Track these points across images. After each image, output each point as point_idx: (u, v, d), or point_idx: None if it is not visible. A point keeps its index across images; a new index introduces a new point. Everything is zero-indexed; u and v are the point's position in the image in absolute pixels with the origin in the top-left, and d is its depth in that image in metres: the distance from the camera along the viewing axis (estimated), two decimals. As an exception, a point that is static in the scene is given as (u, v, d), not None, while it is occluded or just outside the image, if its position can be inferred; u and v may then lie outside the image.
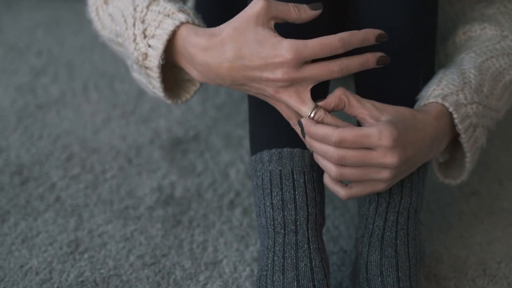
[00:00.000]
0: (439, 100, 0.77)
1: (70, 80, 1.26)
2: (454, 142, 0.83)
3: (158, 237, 0.93)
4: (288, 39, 0.72)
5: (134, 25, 0.81)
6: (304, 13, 0.73)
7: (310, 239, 0.79)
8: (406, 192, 0.81)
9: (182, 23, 0.78)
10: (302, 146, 0.79)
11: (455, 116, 0.77)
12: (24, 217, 0.95)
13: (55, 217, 0.95)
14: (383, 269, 0.78)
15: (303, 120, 0.75)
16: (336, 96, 0.75)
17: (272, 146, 0.80)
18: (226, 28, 0.74)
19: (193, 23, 0.78)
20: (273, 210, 0.80)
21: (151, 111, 1.18)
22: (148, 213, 0.97)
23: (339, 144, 0.72)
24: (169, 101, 0.84)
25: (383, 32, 0.75)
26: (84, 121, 1.16)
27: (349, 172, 0.74)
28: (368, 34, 0.74)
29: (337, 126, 0.73)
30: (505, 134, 1.14)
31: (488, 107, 0.82)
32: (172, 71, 0.84)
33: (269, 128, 0.81)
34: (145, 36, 0.80)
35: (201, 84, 0.85)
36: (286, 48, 0.72)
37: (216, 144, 1.11)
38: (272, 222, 0.80)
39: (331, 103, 0.75)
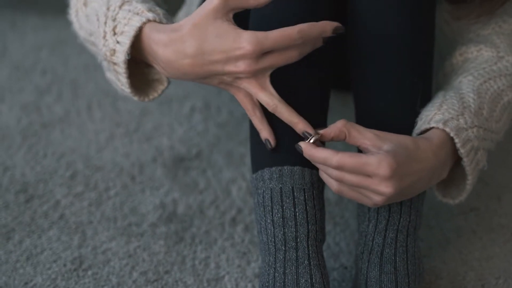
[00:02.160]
0: (440, 126, 0.79)
1: (74, 99, 1.28)
2: (454, 163, 0.84)
3: (161, 254, 0.94)
4: (248, 31, 0.73)
5: (105, 23, 0.83)
6: None
7: (310, 255, 0.80)
8: (405, 211, 0.82)
9: (149, 21, 0.79)
10: (302, 164, 0.81)
11: (456, 140, 0.78)
12: (28, 234, 0.97)
13: (59, 234, 0.97)
14: (383, 285, 0.79)
15: (302, 144, 0.76)
16: (337, 127, 0.76)
17: (272, 164, 0.82)
18: (186, 24, 0.75)
19: (160, 22, 0.79)
20: (274, 227, 0.81)
21: (154, 129, 1.20)
22: (151, 230, 0.98)
23: (338, 169, 0.74)
24: (135, 98, 0.85)
25: (340, 24, 0.76)
26: (88, 139, 1.17)
27: (346, 191, 0.77)
28: (326, 26, 0.75)
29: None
30: (503, 151, 1.15)
31: (488, 130, 0.83)
32: (143, 71, 0.86)
33: (270, 146, 0.83)
34: (114, 33, 0.82)
35: (169, 83, 0.86)
36: (247, 40, 0.73)
37: (218, 161, 1.12)
38: (273, 239, 0.81)
39: (331, 133, 0.76)
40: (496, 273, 0.92)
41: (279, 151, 0.81)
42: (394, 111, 0.83)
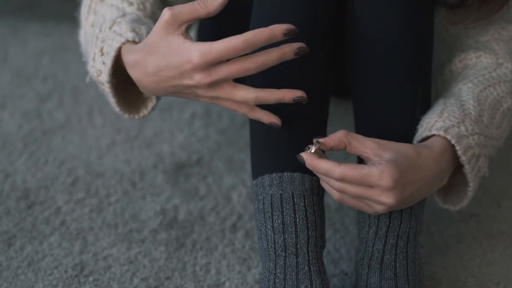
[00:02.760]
0: (441, 133, 0.79)
1: (75, 106, 1.28)
2: (455, 170, 0.84)
3: (162, 260, 0.94)
4: (195, 43, 0.72)
5: (95, 44, 0.85)
6: (212, 5, 0.72)
7: (310, 261, 0.80)
8: (406, 217, 0.82)
9: (127, 41, 0.80)
10: (302, 170, 0.81)
11: (457, 148, 0.79)
12: (30, 240, 0.97)
13: (60, 240, 0.97)
14: (383, 291, 0.80)
15: (304, 155, 0.76)
16: (337, 137, 0.76)
17: (273, 170, 0.82)
18: (146, 44, 0.76)
19: (140, 42, 0.80)
20: (274, 233, 0.81)
21: (155, 135, 1.20)
22: (152, 236, 0.98)
23: (340, 180, 0.74)
24: (126, 115, 0.87)
25: (292, 26, 0.72)
26: (89, 145, 1.18)
27: (348, 200, 0.77)
28: (274, 31, 0.71)
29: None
30: (503, 158, 1.15)
31: (488, 137, 0.83)
32: (134, 87, 0.87)
33: (270, 152, 0.83)
34: (102, 54, 0.83)
35: (158, 100, 0.88)
36: (192, 53, 0.72)
37: (218, 168, 1.13)
38: (273, 245, 0.81)
39: (331, 142, 0.76)
40: (496, 279, 0.92)
41: (280, 157, 0.82)
42: (393, 118, 0.83)
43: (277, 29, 0.71)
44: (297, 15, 0.82)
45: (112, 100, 0.86)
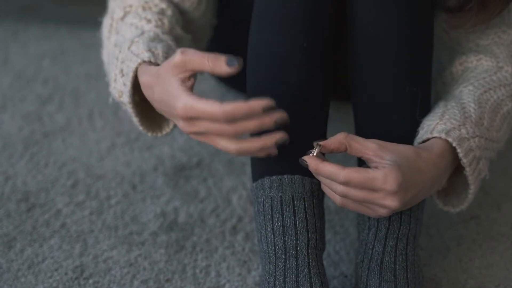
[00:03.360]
0: (443, 136, 0.79)
1: (75, 108, 1.29)
2: (455, 171, 0.84)
3: (162, 262, 0.94)
4: (184, 94, 0.73)
5: (116, 66, 0.86)
6: (219, 68, 0.73)
7: (310, 263, 0.80)
8: (405, 219, 0.82)
9: (143, 61, 0.82)
10: (302, 173, 0.81)
11: (459, 150, 0.79)
12: (30, 243, 0.97)
13: (60, 243, 0.97)
14: (383, 293, 0.80)
15: (307, 159, 0.76)
16: (338, 140, 0.76)
17: (273, 173, 0.82)
18: (157, 71, 0.78)
19: (155, 61, 0.82)
20: (274, 236, 0.81)
21: (155, 138, 1.20)
22: (152, 238, 0.98)
23: (345, 184, 0.74)
24: (149, 134, 0.89)
25: (270, 102, 0.72)
26: (89, 148, 1.18)
27: (350, 204, 0.77)
28: (254, 107, 0.72)
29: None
30: (503, 160, 1.15)
31: (489, 139, 0.83)
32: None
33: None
34: (122, 75, 0.85)
35: None
36: (178, 103, 0.74)
37: (218, 170, 1.13)
38: (273, 247, 0.81)
39: (332, 145, 0.76)
40: (496, 281, 0.92)
41: (280, 159, 0.82)
42: (392, 120, 0.84)
43: (256, 105, 0.72)
44: (298, 18, 0.82)
45: (135, 119, 0.87)
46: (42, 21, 1.60)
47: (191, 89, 0.75)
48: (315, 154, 0.77)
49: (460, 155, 0.79)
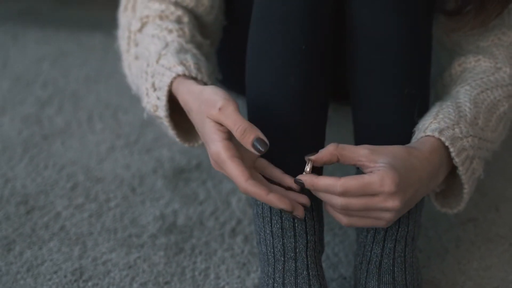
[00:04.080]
0: (436, 134, 0.79)
1: (75, 111, 1.29)
2: (451, 172, 0.84)
3: (161, 265, 0.94)
4: (219, 144, 0.75)
5: (146, 80, 0.87)
6: (244, 143, 0.75)
7: (309, 266, 0.81)
8: (403, 221, 0.82)
9: (178, 75, 0.82)
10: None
11: (451, 150, 0.79)
12: (29, 246, 0.97)
13: (59, 245, 0.97)
14: (381, 295, 0.80)
15: (302, 177, 0.77)
16: (329, 151, 0.76)
17: (272, 175, 0.82)
18: (197, 98, 0.79)
19: (190, 75, 0.82)
20: (273, 238, 0.81)
21: (154, 141, 1.21)
22: (151, 241, 0.98)
23: (343, 194, 0.74)
24: (186, 144, 0.89)
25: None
26: (89, 151, 1.18)
27: (357, 221, 0.76)
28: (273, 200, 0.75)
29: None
30: (501, 162, 1.16)
31: (483, 139, 0.84)
32: None
33: (269, 158, 0.83)
34: (154, 89, 0.85)
35: None
36: (212, 147, 0.76)
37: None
38: (272, 250, 0.81)
39: (323, 157, 0.76)
40: (494, 282, 0.92)
41: (278, 163, 0.82)
42: (391, 122, 0.84)
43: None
44: (297, 20, 0.82)
45: (171, 132, 0.87)
46: (41, 24, 1.60)
47: (227, 134, 0.76)
48: (308, 170, 0.77)
49: (453, 154, 0.79)
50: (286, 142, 0.82)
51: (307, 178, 0.76)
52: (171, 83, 0.83)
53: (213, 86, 0.79)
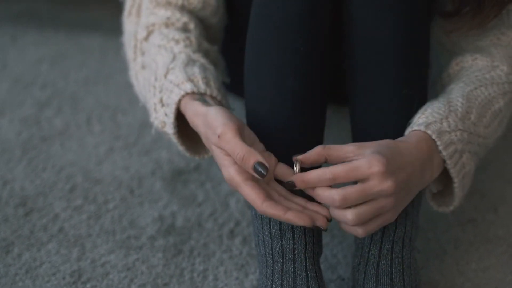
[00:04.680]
0: (422, 128, 0.79)
1: (74, 113, 1.29)
2: (446, 171, 0.84)
3: (160, 266, 0.94)
4: (231, 168, 0.76)
5: (154, 94, 0.87)
6: (246, 167, 0.75)
7: (307, 267, 0.81)
8: (401, 222, 0.82)
9: (186, 93, 0.82)
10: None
11: (438, 143, 0.79)
12: (27, 247, 0.97)
13: (58, 247, 0.97)
14: (379, 296, 0.80)
15: (292, 178, 0.77)
16: (316, 152, 0.77)
17: (269, 177, 0.82)
18: (203, 120, 0.79)
19: (199, 92, 0.82)
20: (271, 239, 0.81)
21: (153, 142, 1.21)
22: (150, 242, 0.99)
23: (333, 181, 0.74)
24: (196, 157, 0.89)
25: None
26: (88, 152, 1.18)
27: (372, 226, 0.76)
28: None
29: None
30: (499, 162, 1.16)
31: (475, 134, 0.83)
32: None
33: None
34: (162, 105, 0.85)
35: None
36: (224, 171, 0.77)
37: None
38: (271, 251, 0.81)
39: (311, 157, 0.77)
40: (492, 283, 0.92)
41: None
42: (389, 123, 0.84)
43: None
44: (295, 22, 0.83)
45: (180, 148, 0.88)
46: (40, 25, 1.60)
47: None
48: (297, 171, 0.77)
49: (440, 148, 0.79)
50: (284, 144, 0.82)
51: (296, 177, 0.76)
52: (179, 101, 0.83)
53: (216, 108, 0.79)
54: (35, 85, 1.38)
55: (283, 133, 0.82)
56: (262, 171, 0.74)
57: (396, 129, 0.83)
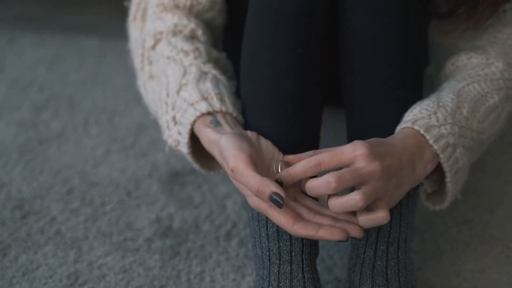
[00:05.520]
0: (409, 125, 0.79)
1: (71, 115, 1.29)
2: (441, 170, 0.84)
3: (156, 268, 0.94)
4: (252, 198, 0.76)
5: (166, 111, 0.87)
6: (261, 197, 0.74)
7: (304, 269, 0.81)
8: (395, 222, 0.82)
9: (202, 114, 0.82)
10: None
11: (427, 137, 0.78)
12: (24, 250, 0.97)
13: (55, 250, 0.97)
14: (375, 298, 0.80)
15: (277, 176, 0.76)
16: (305, 154, 0.79)
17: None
18: (217, 151, 0.79)
19: (213, 110, 0.82)
20: (268, 241, 0.82)
21: (150, 145, 1.21)
22: (147, 244, 0.99)
23: (319, 167, 0.74)
24: (211, 173, 0.89)
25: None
26: (85, 155, 1.18)
27: (366, 190, 0.74)
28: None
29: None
30: (496, 163, 1.16)
31: (468, 128, 0.83)
32: None
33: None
34: (175, 123, 0.85)
35: None
36: (250, 203, 0.78)
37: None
38: (268, 253, 0.81)
39: (298, 158, 0.78)
40: (489, 284, 0.92)
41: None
42: (384, 124, 0.84)
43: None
44: (292, 24, 0.83)
45: (195, 165, 0.88)
46: (37, 28, 1.60)
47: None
48: (279, 170, 0.78)
49: (430, 141, 0.78)
50: (280, 146, 0.82)
51: (282, 173, 0.76)
52: (194, 121, 0.83)
53: (226, 137, 0.78)
54: (32, 87, 1.38)
55: (279, 134, 0.83)
56: (279, 200, 0.73)
57: (391, 130, 0.83)
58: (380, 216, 0.74)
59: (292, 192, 0.79)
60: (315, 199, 0.79)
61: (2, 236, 0.99)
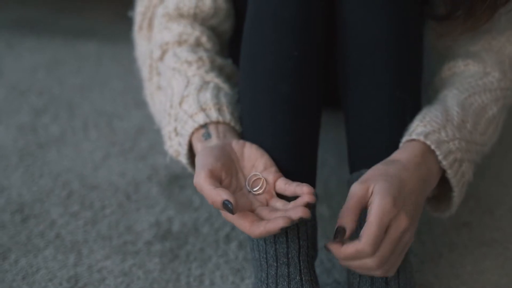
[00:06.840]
0: (421, 138, 0.80)
1: (70, 119, 1.29)
2: (442, 177, 0.85)
3: (156, 272, 0.95)
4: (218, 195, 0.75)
5: (169, 123, 0.88)
6: (218, 208, 0.75)
7: (302, 271, 0.81)
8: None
9: (200, 126, 0.84)
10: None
11: (438, 153, 0.79)
12: (24, 254, 0.97)
13: (55, 253, 0.98)
14: (374, 300, 0.80)
15: (329, 247, 0.76)
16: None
17: (264, 181, 0.83)
18: (202, 164, 0.78)
19: (211, 121, 0.83)
20: (265, 244, 0.82)
21: (149, 148, 1.21)
22: (146, 248, 0.99)
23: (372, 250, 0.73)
24: None
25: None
26: (84, 158, 1.18)
27: (392, 261, 0.76)
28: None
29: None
30: (495, 166, 1.16)
31: (472, 142, 0.84)
32: None
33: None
34: (176, 134, 0.87)
35: None
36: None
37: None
38: (265, 255, 0.82)
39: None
40: (488, 286, 0.93)
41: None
42: (382, 125, 0.84)
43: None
44: (289, 27, 0.83)
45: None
46: (36, 32, 1.61)
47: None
48: (260, 190, 0.79)
49: (440, 157, 0.79)
50: (279, 150, 0.83)
51: (333, 247, 0.75)
52: (192, 133, 0.84)
53: (201, 152, 0.79)
54: (31, 92, 1.38)
55: (277, 138, 0.83)
56: (229, 206, 0.73)
57: (390, 132, 0.84)
58: (368, 265, 0.75)
59: (264, 196, 0.80)
60: (289, 200, 0.80)
61: (2, 240, 1.00)
